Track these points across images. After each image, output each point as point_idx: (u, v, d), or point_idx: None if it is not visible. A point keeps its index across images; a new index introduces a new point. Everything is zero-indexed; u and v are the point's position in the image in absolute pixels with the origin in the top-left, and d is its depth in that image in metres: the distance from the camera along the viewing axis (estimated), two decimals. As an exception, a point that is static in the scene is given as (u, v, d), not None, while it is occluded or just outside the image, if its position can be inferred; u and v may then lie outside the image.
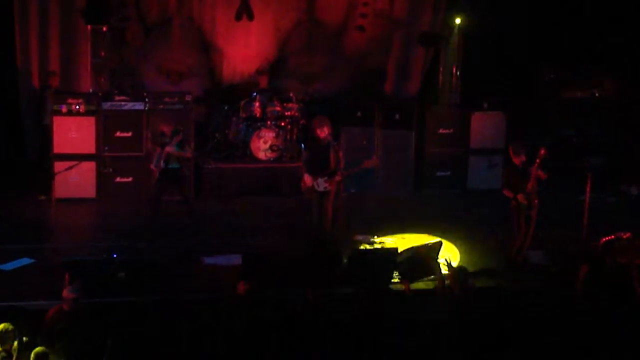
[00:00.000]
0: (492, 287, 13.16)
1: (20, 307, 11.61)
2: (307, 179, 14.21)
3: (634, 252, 14.19)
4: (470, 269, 12.96)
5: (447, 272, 12.26)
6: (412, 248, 13.50)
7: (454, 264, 13.35)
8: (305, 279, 12.40)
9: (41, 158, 17.62)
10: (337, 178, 14.21)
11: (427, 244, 13.80)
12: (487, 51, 19.02)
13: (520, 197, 13.83)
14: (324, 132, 14.19)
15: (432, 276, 12.88)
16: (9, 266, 13.36)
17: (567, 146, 18.89)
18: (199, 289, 12.78)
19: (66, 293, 10.85)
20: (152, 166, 15.37)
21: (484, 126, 18.65)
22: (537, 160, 13.74)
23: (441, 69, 19.38)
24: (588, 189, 15.06)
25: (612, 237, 14.34)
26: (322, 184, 14.21)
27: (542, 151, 13.80)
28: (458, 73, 19.29)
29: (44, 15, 18.14)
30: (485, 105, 18.78)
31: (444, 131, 18.59)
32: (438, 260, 13.07)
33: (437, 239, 13.85)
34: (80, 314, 10.85)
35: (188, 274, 13.39)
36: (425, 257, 13.15)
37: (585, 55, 18.97)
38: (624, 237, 14.36)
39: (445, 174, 18.63)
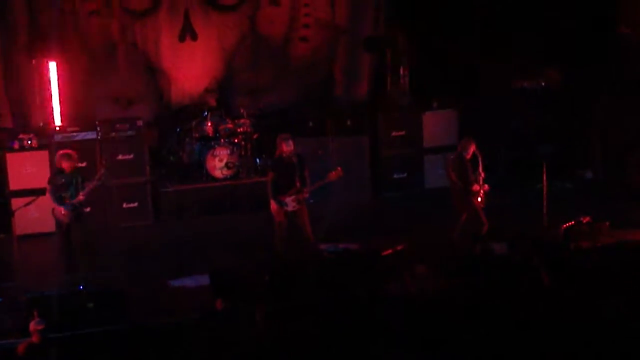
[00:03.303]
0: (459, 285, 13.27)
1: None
2: (273, 205, 14.36)
3: (595, 236, 14.47)
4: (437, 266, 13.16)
5: None
6: None
7: None
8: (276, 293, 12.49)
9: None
10: (305, 195, 14.39)
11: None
12: (432, 51, 19.12)
13: (476, 187, 14.32)
14: (290, 146, 14.34)
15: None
16: (-24, 307, 13.24)
17: (518, 137, 19.08)
18: (170, 313, 12.76)
19: (33, 325, 10.81)
20: (63, 210, 14.09)
21: (436, 125, 18.85)
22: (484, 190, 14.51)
23: (388, 71, 19.44)
24: (544, 177, 15.27)
25: (572, 222, 14.62)
26: (291, 204, 14.36)
27: (486, 188, 14.61)
28: (406, 74, 19.36)
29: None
30: (435, 105, 18.97)
31: (396, 133, 18.73)
32: None
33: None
34: (50, 345, 10.82)
35: (157, 299, 13.37)
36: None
37: (528, 46, 19.14)
38: (584, 221, 14.66)
39: (402, 176, 18.75)
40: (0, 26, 18.03)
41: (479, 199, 14.71)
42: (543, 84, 19.50)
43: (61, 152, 14.48)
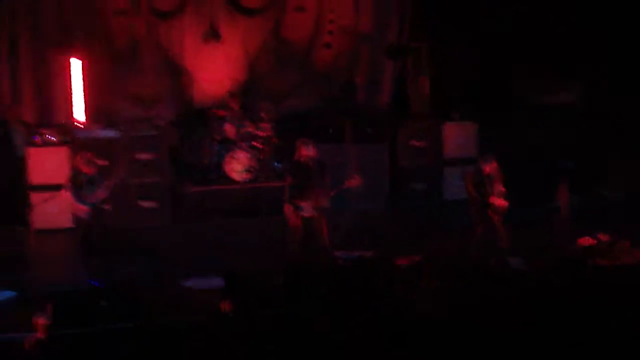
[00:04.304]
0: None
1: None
2: (287, 209, 14.31)
3: (614, 254, 14.41)
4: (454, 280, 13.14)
5: None
6: None
7: None
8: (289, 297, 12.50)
9: (13, 189, 17.44)
10: (323, 203, 14.33)
11: None
12: (456, 61, 19.08)
13: (494, 201, 14.31)
14: (310, 151, 14.33)
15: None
16: (-9, 300, 13.31)
17: (538, 152, 19.02)
18: (181, 313, 12.76)
19: (39, 321, 10.80)
20: (84, 208, 14.15)
21: (456, 136, 18.77)
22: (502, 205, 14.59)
23: (411, 80, 19.41)
24: (564, 193, 15.21)
25: (591, 240, 14.57)
26: (307, 209, 14.32)
27: (504, 203, 14.71)
28: (428, 84, 19.32)
29: (14, 45, 18.05)
30: (456, 116, 18.90)
31: (416, 143, 18.67)
32: None
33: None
34: (56, 341, 10.82)
35: (169, 299, 13.37)
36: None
37: (551, 61, 19.11)
38: (603, 239, 14.60)
39: (421, 186, 18.68)
40: (32, 22, 18.10)
41: (497, 213, 14.66)
42: (565, 99, 19.45)
43: (80, 155, 14.50)
